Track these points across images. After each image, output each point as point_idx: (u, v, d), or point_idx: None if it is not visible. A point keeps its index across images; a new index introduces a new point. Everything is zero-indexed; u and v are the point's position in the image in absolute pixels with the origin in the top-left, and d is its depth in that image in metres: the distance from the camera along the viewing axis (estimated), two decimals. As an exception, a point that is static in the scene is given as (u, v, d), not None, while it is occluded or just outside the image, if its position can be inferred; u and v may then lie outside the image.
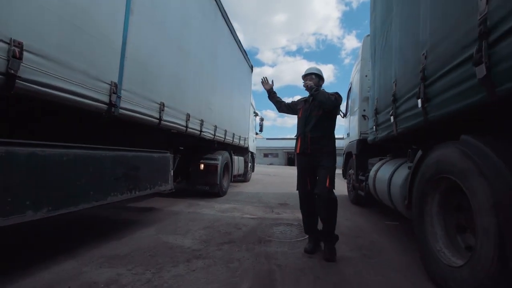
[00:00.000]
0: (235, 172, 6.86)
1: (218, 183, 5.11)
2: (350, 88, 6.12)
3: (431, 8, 1.93)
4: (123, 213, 3.70)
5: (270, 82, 2.89)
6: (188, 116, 3.72)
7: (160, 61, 3.02)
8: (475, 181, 1.38)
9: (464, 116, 1.58)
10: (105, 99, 2.13)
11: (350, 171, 5.61)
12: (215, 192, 5.24)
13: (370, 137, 3.79)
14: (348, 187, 5.87)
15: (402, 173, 2.59)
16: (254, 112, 9.88)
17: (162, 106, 2.99)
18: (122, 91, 2.32)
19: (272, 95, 2.89)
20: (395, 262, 2.23)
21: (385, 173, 3.09)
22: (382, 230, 3.34)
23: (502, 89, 1.19)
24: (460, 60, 1.47)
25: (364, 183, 4.30)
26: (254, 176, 10.99)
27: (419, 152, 2.13)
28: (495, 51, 1.21)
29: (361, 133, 4.74)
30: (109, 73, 2.19)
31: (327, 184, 2.30)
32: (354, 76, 5.71)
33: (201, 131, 4.24)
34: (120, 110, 2.31)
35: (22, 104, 1.77)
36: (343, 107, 6.69)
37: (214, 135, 4.90)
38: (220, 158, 5.22)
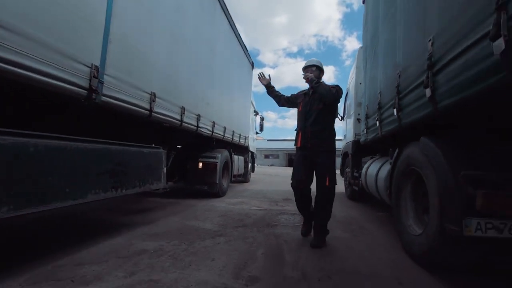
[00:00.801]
0: (235, 172, 6.66)
1: (217, 182, 4.91)
2: (347, 92, 6.66)
3: (404, 35, 2.47)
4: (151, 204, 4.23)
5: (267, 77, 2.97)
6: (183, 109, 3.51)
7: (150, 47, 2.79)
8: (428, 170, 1.92)
9: (422, 123, 2.11)
10: (84, 83, 1.89)
11: (346, 169, 6.16)
12: (214, 192, 5.05)
13: (362, 139, 4.33)
14: (345, 184, 6.40)
15: (386, 168, 3.12)
16: (254, 111, 9.69)
17: (153, 96, 2.79)
18: (104, 76, 2.10)
19: (270, 89, 2.94)
20: (378, 240, 2.76)
21: (374, 170, 3.63)
22: (372, 219, 3.86)
23: (442, 105, 1.72)
24: (418, 82, 2.01)
25: (358, 179, 4.83)
26: (256, 176, 11.47)
27: (396, 151, 2.66)
28: (437, 79, 1.75)
29: (355, 135, 5.27)
30: (89, 54, 1.94)
31: (327, 183, 2.39)
32: (351, 82, 6.25)
33: (197, 126, 4.04)
34: (102, 97, 2.07)
35: None
36: (340, 110, 7.25)
37: (212, 131, 4.71)
38: (220, 156, 4.99)
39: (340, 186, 6.82)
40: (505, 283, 1.83)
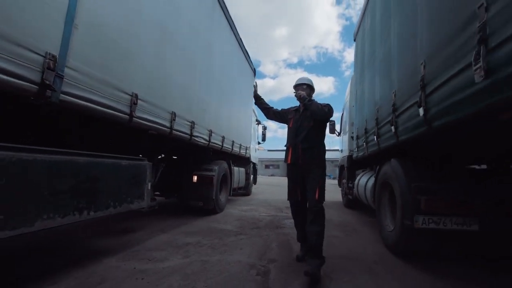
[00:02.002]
0: (235, 185, 6.22)
1: (214, 197, 4.44)
2: (343, 111, 7.49)
3: (380, 81, 3.29)
4: (182, 210, 4.97)
5: (254, 87, 2.98)
6: (173, 115, 3.08)
7: (133, 41, 2.38)
8: (395, 182, 2.69)
9: (392, 148, 2.91)
10: (35, 77, 1.49)
11: (343, 180, 6.91)
12: (210, 209, 4.53)
13: (354, 155, 5.13)
14: (342, 194, 7.14)
15: (371, 181, 3.89)
16: (256, 120, 9.26)
17: (134, 98, 2.36)
18: (66, 70, 1.68)
19: (258, 101, 2.91)
20: (366, 237, 3.50)
21: (363, 181, 4.40)
22: (364, 223, 4.59)
23: (402, 139, 2.51)
24: (388, 120, 2.81)
25: (352, 190, 5.59)
26: (258, 186, 11.86)
27: (378, 167, 3.44)
28: (428, 100, 2.49)
29: (350, 150, 6.06)
30: (44, 40, 1.54)
31: (316, 197, 2.29)
32: (346, 103, 7.09)
33: (191, 135, 3.59)
34: (61, 95, 1.66)
35: None
36: (337, 127, 8.07)
37: (209, 141, 4.27)
38: (217, 169, 4.56)
39: (338, 196, 7.61)
40: (452, 264, 2.57)
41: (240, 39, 5.85)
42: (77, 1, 1.76)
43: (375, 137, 3.33)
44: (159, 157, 4.35)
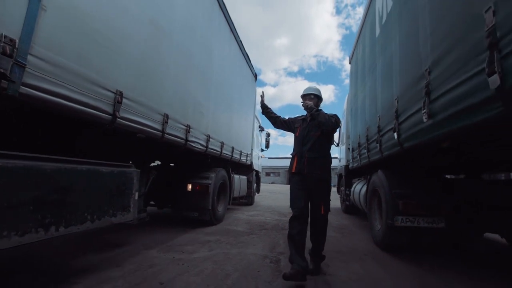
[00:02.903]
0: (236, 194, 5.89)
1: (210, 208, 4.11)
2: (341, 125, 8.15)
3: (369, 105, 3.92)
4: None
5: (260, 97, 2.92)
6: (165, 117, 2.84)
7: (117, 29, 2.12)
8: (381, 189, 3.29)
9: (379, 162, 3.52)
10: None
11: (341, 188, 7.49)
12: (205, 220, 4.20)
13: (350, 165, 5.74)
14: (340, 200, 7.71)
15: (364, 188, 4.49)
16: (260, 127, 9.00)
17: (118, 96, 2.12)
18: (29, 57, 1.45)
19: (266, 110, 2.88)
20: (360, 237, 4.07)
21: (358, 188, 5.00)
22: (359, 226, 5.16)
23: (386, 154, 3.12)
24: (375, 138, 3.44)
25: (349, 196, 6.17)
26: (260, 193, 12.31)
27: (368, 177, 4.05)
28: (401, 127, 3.16)
29: (347, 161, 6.67)
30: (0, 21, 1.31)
31: (322, 211, 2.39)
32: (344, 116, 7.75)
33: (186, 140, 3.34)
34: (21, 88, 1.42)
35: None
36: (336, 138, 8.71)
37: (207, 147, 4.03)
38: (213, 176, 4.27)
39: (337, 202, 8.18)
40: (426, 254, 3.14)
41: (241, 41, 5.61)
42: None
43: (366, 151, 3.94)
44: (152, 164, 4.07)
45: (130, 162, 2.56)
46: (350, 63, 6.10)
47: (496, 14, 1.27)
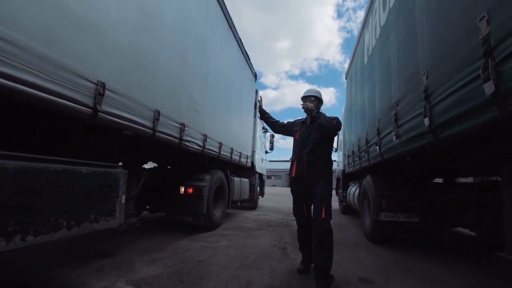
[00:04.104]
0: (236, 197, 5.72)
1: (205, 212, 3.92)
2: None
3: (360, 122, 4.63)
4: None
5: (258, 102, 2.91)
6: (157, 113, 2.67)
7: (96, 11, 1.91)
8: (369, 191, 3.99)
9: (367, 169, 4.22)
10: None
11: (340, 190, 8.18)
12: (200, 225, 4.00)
13: (346, 170, 6.44)
14: (338, 202, 8.41)
15: (357, 191, 5.18)
16: (263, 128, 8.83)
17: (101, 88, 1.93)
18: None
19: (264, 115, 2.86)
20: (353, 232, 4.76)
21: (353, 191, 5.69)
22: (353, 224, 5.84)
23: (385, 157, 3.82)
24: (363, 149, 4.14)
25: (345, 198, 6.86)
26: (264, 197, 13.16)
27: (360, 180, 4.74)
28: (381, 142, 3.87)
29: (344, 165, 7.37)
30: None
31: (323, 215, 2.22)
32: (342, 126, 8.47)
33: (181, 139, 3.17)
34: None
35: None
36: (334, 144, 9.42)
37: (204, 147, 3.83)
38: (208, 179, 4.05)
39: (336, 204, 8.86)
40: (404, 243, 3.82)
41: (240, 39, 5.40)
42: None
43: (358, 159, 4.65)
44: (147, 166, 3.97)
45: (120, 163, 2.27)
46: (346, 79, 6.83)
47: (489, 22, 1.34)
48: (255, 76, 7.22)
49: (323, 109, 2.74)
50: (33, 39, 1.45)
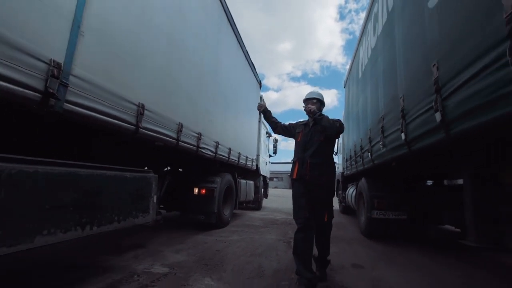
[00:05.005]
0: (242, 198, 6.22)
1: (216, 211, 4.36)
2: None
3: (356, 128, 5.12)
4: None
5: (261, 103, 2.94)
6: (180, 126, 3.09)
7: (140, 49, 2.40)
8: (364, 192, 4.48)
9: (362, 172, 4.72)
10: (38, 85, 1.48)
11: (339, 191, 8.66)
12: (212, 223, 4.40)
13: (345, 172, 6.93)
14: (338, 202, 8.89)
15: (354, 191, 5.66)
16: (267, 133, 9.26)
17: (141, 108, 2.39)
18: (70, 78, 1.67)
19: (267, 115, 2.88)
20: (350, 229, 5.25)
21: (350, 192, 6.18)
22: (352, 223, 6.32)
23: (376, 163, 4.31)
24: (358, 154, 4.64)
25: (345, 198, 7.34)
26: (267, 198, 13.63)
27: (357, 182, 5.23)
28: (372, 150, 4.37)
29: (343, 168, 7.85)
30: (49, 47, 1.53)
31: (326, 218, 2.35)
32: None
33: (198, 146, 3.58)
34: (65, 104, 1.65)
35: None
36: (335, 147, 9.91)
37: (216, 153, 4.25)
38: (219, 181, 4.49)
39: (336, 204, 9.33)
40: (394, 238, 4.29)
41: (247, 51, 5.94)
42: (84, 7, 1.75)
43: (354, 163, 5.14)
44: (165, 169, 4.35)
45: (146, 167, 2.73)
46: (344, 87, 7.33)
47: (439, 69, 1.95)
48: (260, 83, 7.68)
49: (324, 111, 2.77)
50: (96, 75, 1.93)
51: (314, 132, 2.47)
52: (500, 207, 2.11)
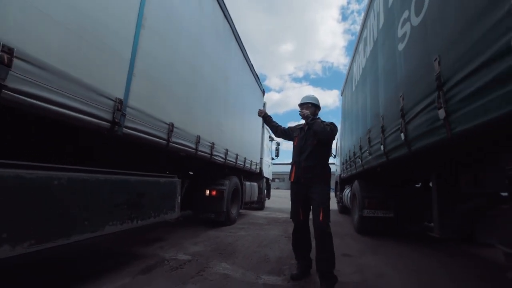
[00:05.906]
0: (247, 199, 6.75)
1: (225, 210, 4.88)
2: (337, 141, 9.89)
3: (350, 135, 5.68)
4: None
5: (262, 108, 3.06)
6: (198, 138, 3.63)
7: (171, 80, 2.95)
8: (356, 193, 5.03)
9: (355, 176, 5.27)
10: (108, 116, 2.01)
11: (337, 192, 9.21)
12: (221, 221, 4.95)
13: (342, 175, 7.49)
14: (336, 203, 9.44)
15: (349, 192, 6.21)
16: (270, 137, 9.79)
17: (171, 127, 2.90)
18: (127, 109, 2.21)
19: (267, 119, 2.97)
20: (345, 227, 5.80)
21: (346, 193, 6.73)
22: (347, 221, 6.86)
23: (365, 167, 4.86)
24: (353, 158, 5.19)
25: (342, 199, 7.90)
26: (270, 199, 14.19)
27: (351, 184, 5.78)
28: (362, 156, 4.92)
29: (341, 170, 8.40)
30: (114, 88, 2.08)
31: (321, 218, 2.29)
32: (340, 136, 9.51)
33: (211, 154, 4.12)
34: (124, 129, 2.18)
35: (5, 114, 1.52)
36: (334, 150, 10.45)
37: (225, 159, 4.77)
38: (228, 183, 5.02)
39: (334, 205, 9.89)
40: (382, 234, 4.83)
41: (252, 64, 6.55)
42: (136, 53, 2.30)
43: (349, 166, 5.69)
44: (184, 174, 4.84)
45: (167, 172, 3.29)
46: (341, 95, 7.88)
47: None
48: (263, 92, 8.21)
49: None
50: (143, 105, 2.48)
51: (308, 136, 2.56)
52: (457, 206, 2.66)
